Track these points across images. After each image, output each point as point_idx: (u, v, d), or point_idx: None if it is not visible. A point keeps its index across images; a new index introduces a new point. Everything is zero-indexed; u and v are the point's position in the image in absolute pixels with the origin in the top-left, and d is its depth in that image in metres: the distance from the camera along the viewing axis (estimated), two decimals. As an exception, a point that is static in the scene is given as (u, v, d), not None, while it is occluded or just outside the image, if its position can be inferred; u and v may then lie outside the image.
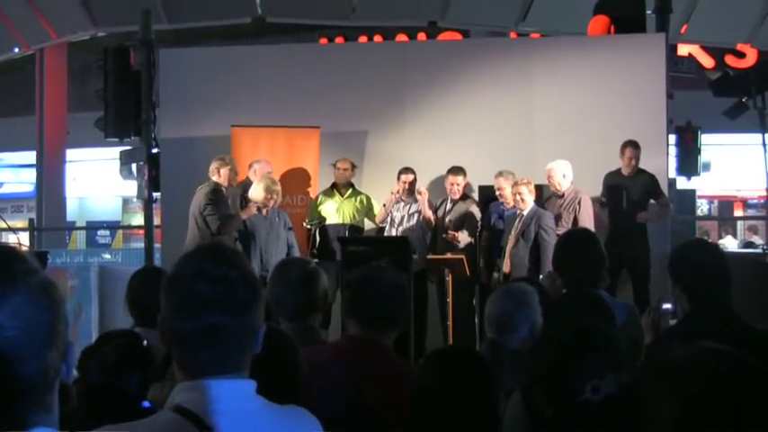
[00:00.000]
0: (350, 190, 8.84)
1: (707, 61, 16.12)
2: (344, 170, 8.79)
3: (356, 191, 8.89)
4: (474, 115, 9.11)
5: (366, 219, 8.91)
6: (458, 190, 8.46)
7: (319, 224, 8.50)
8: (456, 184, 8.45)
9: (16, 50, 13.71)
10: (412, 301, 7.49)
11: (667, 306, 3.78)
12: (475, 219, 8.41)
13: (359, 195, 8.87)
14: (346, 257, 7.51)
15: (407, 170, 8.63)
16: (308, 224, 8.54)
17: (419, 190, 8.46)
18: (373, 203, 8.88)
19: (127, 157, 9.75)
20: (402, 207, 8.61)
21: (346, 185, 8.84)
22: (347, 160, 8.84)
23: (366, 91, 9.24)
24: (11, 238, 11.17)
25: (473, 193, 8.76)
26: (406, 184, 8.57)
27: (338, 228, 8.62)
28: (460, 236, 8.24)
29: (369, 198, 8.88)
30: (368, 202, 8.87)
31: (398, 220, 8.59)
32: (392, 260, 3.44)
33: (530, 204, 7.84)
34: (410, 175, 8.60)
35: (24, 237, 11.84)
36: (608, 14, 9.77)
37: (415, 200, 8.51)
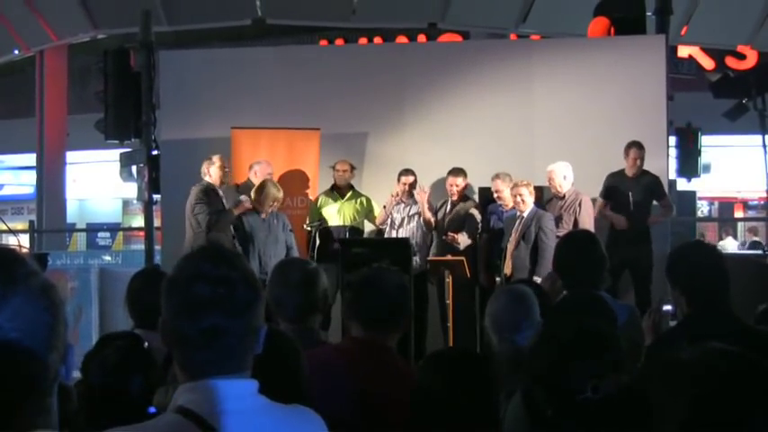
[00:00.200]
0: (350, 192, 8.84)
1: (707, 63, 16.12)
2: (344, 172, 8.79)
3: (356, 192, 8.89)
4: (474, 117, 9.11)
5: (366, 220, 8.92)
6: (456, 191, 8.46)
7: (320, 226, 8.49)
8: (455, 185, 8.45)
9: (16, 52, 13.72)
10: (412, 303, 7.53)
11: (668, 308, 3.79)
12: (475, 220, 8.40)
13: (359, 197, 8.87)
14: (346, 259, 7.51)
15: (407, 172, 8.63)
16: (309, 226, 8.54)
17: (419, 189, 8.45)
18: (373, 205, 8.88)
19: (127, 159, 9.75)
20: (402, 209, 8.61)
21: (346, 187, 8.84)
22: (346, 162, 8.84)
23: (366, 93, 9.24)
24: (11, 240, 11.16)
25: (474, 195, 8.77)
26: (407, 186, 8.57)
27: (338, 229, 8.62)
28: (460, 237, 8.24)
29: (369, 200, 8.88)
30: (368, 204, 8.87)
31: (398, 222, 8.59)
32: (392, 262, 3.43)
33: (530, 206, 7.85)
34: (410, 177, 8.60)
35: (24, 239, 11.83)
36: (608, 16, 9.77)
37: (415, 201, 8.51)
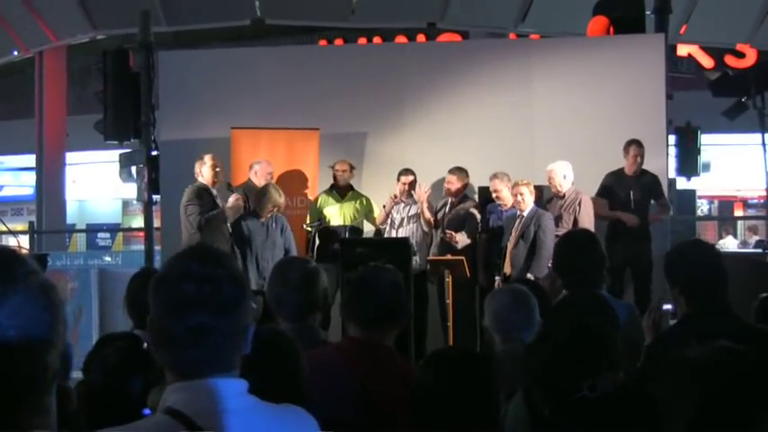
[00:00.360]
0: (350, 192, 8.84)
1: (706, 61, 16.12)
2: (343, 172, 8.79)
3: (356, 192, 8.89)
4: (473, 116, 9.11)
5: (366, 221, 8.91)
6: (453, 190, 8.45)
7: (319, 226, 8.49)
8: (449, 183, 8.46)
9: (15, 54, 13.70)
10: (412, 303, 7.53)
11: (668, 306, 3.79)
12: (475, 220, 8.40)
13: (359, 197, 8.86)
14: (346, 259, 7.51)
15: (407, 171, 8.63)
16: (308, 226, 8.53)
17: (418, 189, 8.44)
18: (373, 205, 8.87)
19: (126, 160, 9.75)
20: (402, 208, 8.60)
21: (346, 187, 8.84)
22: (345, 162, 8.84)
23: (365, 93, 9.24)
24: (11, 241, 11.17)
25: (474, 195, 8.76)
26: (406, 186, 8.57)
27: (338, 229, 8.61)
28: (459, 237, 8.24)
29: (369, 200, 8.88)
30: (368, 204, 8.87)
31: (398, 222, 8.58)
32: (392, 261, 3.43)
33: (530, 205, 7.85)
34: (410, 177, 8.60)
35: (24, 240, 11.83)
36: (607, 15, 9.77)
37: (415, 201, 8.51)
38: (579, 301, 3.84)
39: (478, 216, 8.41)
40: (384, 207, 8.67)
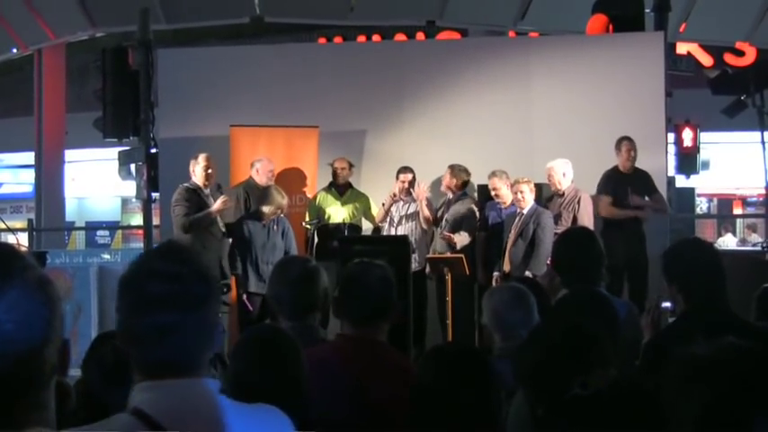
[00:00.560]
0: (349, 189, 8.84)
1: (706, 59, 16.11)
2: (342, 170, 8.78)
3: (355, 190, 8.88)
4: (472, 114, 9.11)
5: (365, 218, 8.91)
6: (442, 185, 8.51)
7: (318, 224, 8.48)
8: (443, 179, 8.52)
9: (14, 51, 13.68)
10: (411, 301, 7.54)
11: (667, 304, 3.78)
12: (474, 218, 8.40)
13: (358, 195, 8.86)
14: (345, 257, 7.49)
15: (406, 169, 8.62)
16: (307, 224, 8.53)
17: (417, 187, 8.44)
18: (372, 203, 8.87)
19: (125, 158, 9.75)
20: (401, 207, 8.60)
21: (345, 185, 8.83)
22: (344, 159, 8.83)
23: (365, 90, 9.24)
24: (10, 239, 11.15)
25: (474, 193, 8.76)
26: (405, 184, 8.56)
27: (337, 227, 8.61)
28: (456, 237, 8.24)
29: (368, 198, 8.87)
30: (366, 202, 8.87)
31: (397, 220, 8.59)
32: (391, 259, 3.43)
33: (530, 203, 7.85)
34: (409, 175, 8.59)
35: (23, 237, 11.80)
36: (606, 13, 9.76)
37: (414, 199, 8.51)
38: (579, 299, 3.83)
39: (477, 214, 8.41)
40: (383, 205, 8.66)
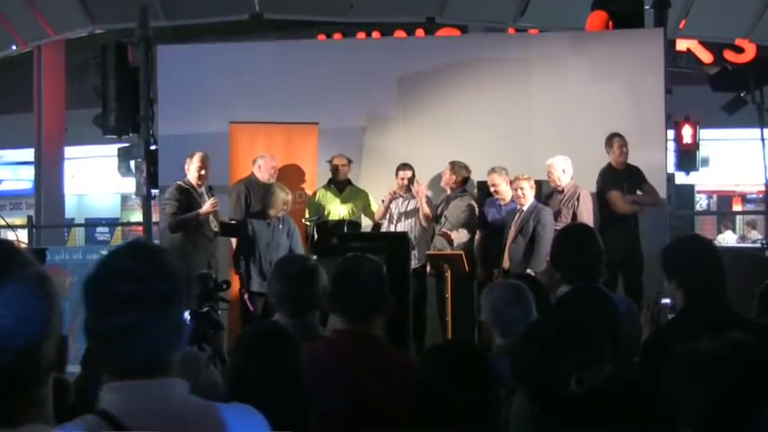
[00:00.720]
0: (348, 186, 8.83)
1: (705, 56, 16.08)
2: (341, 166, 8.77)
3: (354, 187, 8.87)
4: (472, 111, 9.10)
5: (364, 215, 8.90)
6: (442, 181, 8.53)
7: (318, 221, 8.48)
8: (443, 176, 8.51)
9: (13, 48, 13.66)
10: (411, 298, 7.53)
11: (666, 301, 3.78)
12: (473, 215, 8.40)
13: (357, 192, 8.85)
14: (345, 254, 7.48)
15: (405, 166, 8.62)
16: (307, 221, 8.52)
17: (416, 184, 8.44)
18: (371, 200, 8.86)
19: (125, 154, 9.74)
20: (400, 203, 8.60)
21: (345, 182, 8.83)
22: (343, 156, 8.82)
23: (364, 87, 9.23)
24: (9, 236, 11.14)
25: (473, 189, 8.75)
26: (405, 181, 8.56)
27: (337, 224, 8.59)
28: (455, 235, 8.24)
29: (367, 194, 8.87)
30: (366, 199, 8.86)
31: (397, 217, 8.58)
32: (390, 256, 3.44)
33: (530, 200, 7.85)
34: (408, 172, 8.59)
35: (23, 234, 11.80)
36: (606, 10, 9.76)
37: (413, 196, 8.51)
38: (581, 296, 3.83)
39: (477, 211, 8.41)
40: (383, 202, 8.66)
